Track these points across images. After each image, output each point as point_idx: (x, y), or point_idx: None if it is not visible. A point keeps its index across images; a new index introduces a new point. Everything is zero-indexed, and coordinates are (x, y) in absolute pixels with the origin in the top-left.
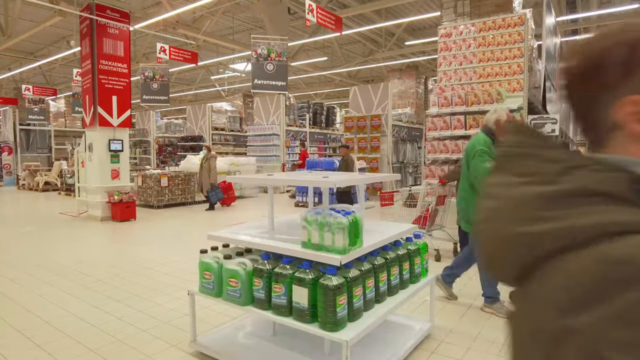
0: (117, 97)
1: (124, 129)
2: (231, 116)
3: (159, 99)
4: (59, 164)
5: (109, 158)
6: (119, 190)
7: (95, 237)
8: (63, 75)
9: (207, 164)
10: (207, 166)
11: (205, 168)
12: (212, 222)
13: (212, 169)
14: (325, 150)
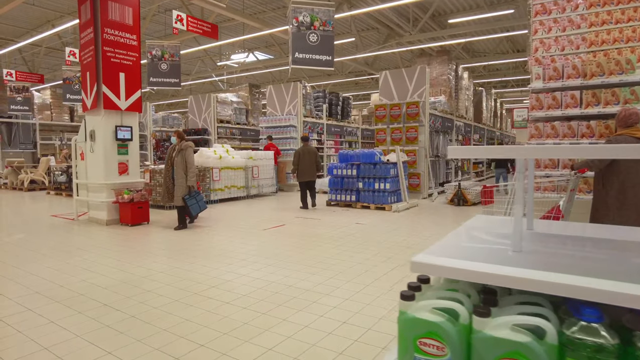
0: (125, 75)
1: (133, 113)
2: (237, 108)
3: (168, 82)
4: (46, 159)
5: (116, 149)
6: (129, 188)
7: (105, 248)
8: (47, 65)
9: (181, 157)
10: (180, 161)
11: (179, 164)
12: (233, 226)
13: (189, 165)
14: (341, 144)
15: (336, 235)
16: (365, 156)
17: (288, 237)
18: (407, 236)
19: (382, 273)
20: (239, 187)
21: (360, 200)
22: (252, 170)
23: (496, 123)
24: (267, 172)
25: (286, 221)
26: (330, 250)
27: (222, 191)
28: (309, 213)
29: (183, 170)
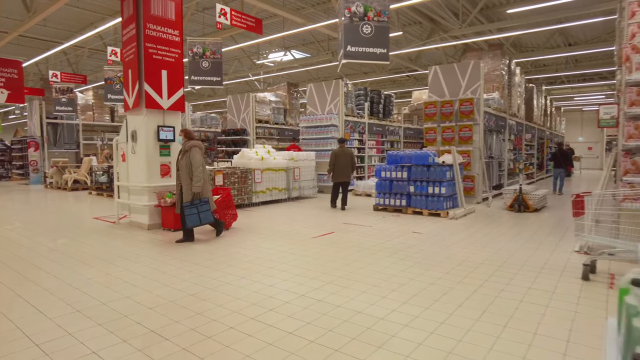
0: (167, 72)
1: (175, 112)
2: (275, 107)
3: (210, 80)
4: (88, 160)
5: (158, 150)
6: (171, 191)
7: (148, 256)
8: (91, 67)
9: (186, 159)
10: (185, 164)
11: (184, 167)
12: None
13: (194, 168)
14: (383, 144)
15: (394, 246)
16: (418, 157)
17: (342, 248)
18: (475, 250)
19: (463, 297)
20: (280, 189)
21: (412, 205)
22: (293, 172)
23: (546, 122)
24: (308, 174)
25: (335, 228)
26: (393, 265)
27: (263, 193)
28: (358, 219)
29: (188, 175)
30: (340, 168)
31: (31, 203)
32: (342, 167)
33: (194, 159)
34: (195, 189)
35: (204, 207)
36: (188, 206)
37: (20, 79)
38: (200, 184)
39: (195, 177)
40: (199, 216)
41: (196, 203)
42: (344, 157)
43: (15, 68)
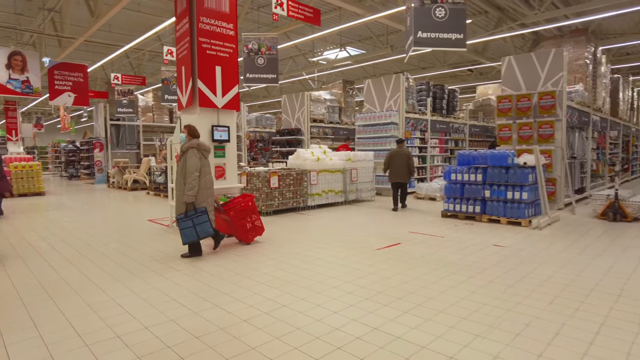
0: (221, 69)
1: (230, 111)
2: (330, 106)
3: (265, 78)
4: (147, 160)
5: (212, 151)
6: (225, 194)
7: (198, 267)
8: (151, 70)
9: (183, 162)
10: (181, 167)
11: (180, 171)
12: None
13: (188, 173)
14: (446, 143)
15: (476, 264)
16: (495, 158)
17: (414, 265)
18: (577, 270)
19: (585, 339)
20: (337, 191)
21: (487, 212)
22: (350, 173)
23: (632, 117)
24: (366, 175)
25: (400, 237)
26: (481, 290)
27: (319, 196)
28: (426, 227)
29: (183, 181)
30: (395, 168)
31: (92, 203)
32: (397, 167)
33: (188, 162)
34: (186, 199)
35: (200, 218)
36: (182, 219)
37: (85, 82)
38: (192, 192)
39: (187, 184)
40: (195, 229)
41: (191, 214)
42: (399, 157)
43: (81, 72)
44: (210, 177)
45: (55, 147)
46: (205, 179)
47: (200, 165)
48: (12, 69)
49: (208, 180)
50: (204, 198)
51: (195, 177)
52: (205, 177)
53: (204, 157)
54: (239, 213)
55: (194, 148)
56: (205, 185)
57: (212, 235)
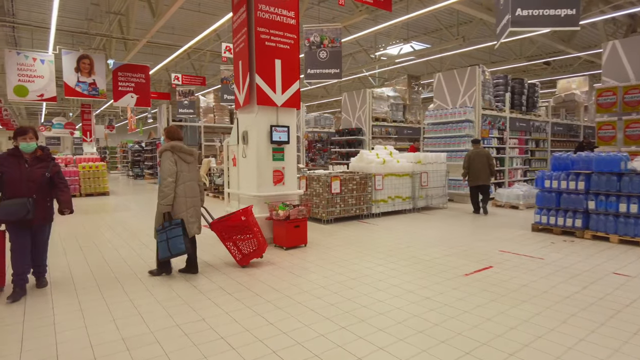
0: (281, 62)
1: (290, 110)
2: (394, 103)
3: (328, 73)
4: (207, 161)
5: (270, 153)
6: (284, 202)
7: (258, 278)
8: (212, 72)
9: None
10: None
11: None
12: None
13: (161, 179)
14: (526, 143)
15: (598, 300)
16: (602, 162)
17: (516, 300)
18: None
19: None
20: (404, 197)
21: (591, 227)
22: (420, 177)
23: None
24: (437, 179)
25: (490, 258)
26: (628, 348)
27: (385, 203)
28: (517, 244)
29: None
30: (476, 171)
31: (150, 204)
32: (478, 170)
33: (162, 167)
34: (160, 208)
35: (173, 232)
36: (160, 230)
37: (147, 83)
38: (165, 201)
39: (160, 192)
40: (168, 244)
41: (167, 227)
42: (479, 158)
43: (143, 73)
44: (192, 184)
45: (123, 148)
46: (184, 186)
47: (175, 170)
48: (81, 72)
49: (188, 188)
50: (182, 208)
51: (169, 184)
52: (185, 184)
53: (184, 161)
54: (227, 229)
55: (167, 151)
56: (185, 193)
57: (185, 253)
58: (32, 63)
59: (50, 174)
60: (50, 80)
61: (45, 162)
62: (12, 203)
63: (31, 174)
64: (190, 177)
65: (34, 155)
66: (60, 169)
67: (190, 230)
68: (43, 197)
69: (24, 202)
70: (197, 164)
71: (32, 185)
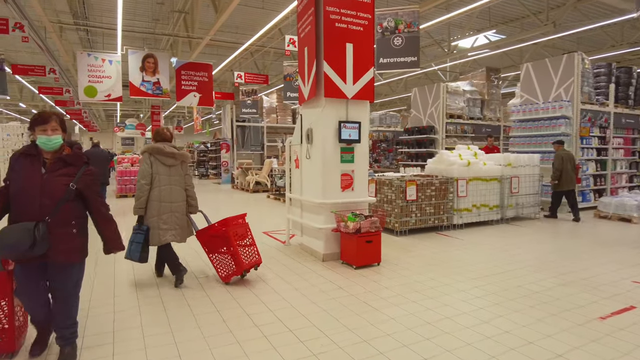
0: (353, 47)
1: (362, 102)
2: (470, 98)
3: (403, 62)
4: (269, 162)
5: (338, 154)
6: (354, 211)
7: (322, 305)
8: (275, 72)
9: None
10: None
11: None
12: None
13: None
14: (633, 143)
15: None
16: None
17: None
18: None
19: None
20: (492, 206)
21: None
22: (510, 182)
23: None
24: (529, 185)
25: (626, 292)
26: None
27: (468, 212)
28: None
29: None
30: (568, 174)
31: (212, 205)
32: (570, 173)
33: (139, 168)
34: (134, 211)
35: (136, 237)
36: (134, 235)
37: (210, 82)
38: (137, 204)
39: (135, 195)
40: (130, 249)
41: (135, 229)
42: (571, 161)
43: (206, 71)
44: (169, 188)
45: (189, 148)
46: (159, 190)
47: (150, 172)
48: (145, 71)
49: (165, 192)
50: (154, 213)
51: (141, 186)
52: (160, 187)
53: (162, 164)
54: (210, 241)
55: (145, 152)
56: (159, 198)
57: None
58: (101, 64)
59: (78, 186)
60: (117, 81)
61: (71, 167)
62: (11, 230)
63: (48, 184)
64: (170, 180)
65: (57, 155)
66: (95, 179)
67: (161, 237)
68: (64, 221)
69: (29, 228)
70: (184, 168)
71: (46, 201)
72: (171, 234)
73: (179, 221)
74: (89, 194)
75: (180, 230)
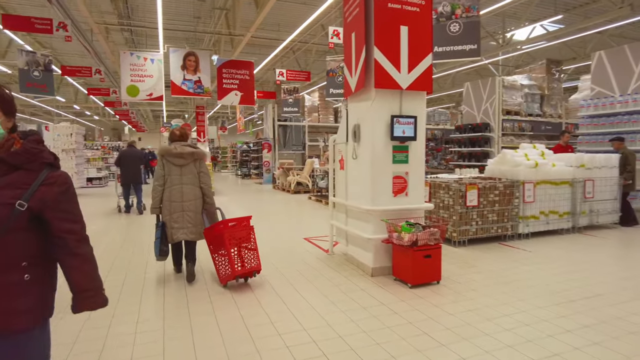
0: (408, 30)
1: (419, 94)
2: (529, 93)
3: (461, 50)
4: (311, 162)
5: (390, 153)
6: (409, 219)
7: (371, 338)
8: (317, 71)
9: None
10: None
11: None
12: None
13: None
14: None
15: None
16: None
17: None
18: None
19: None
20: (562, 213)
21: None
22: (584, 186)
23: None
24: (606, 190)
25: None
26: None
27: (535, 220)
28: None
29: None
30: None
31: (252, 206)
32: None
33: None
34: (150, 211)
35: (156, 232)
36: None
37: (251, 80)
38: (152, 203)
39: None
40: (154, 245)
41: (156, 225)
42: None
43: (247, 69)
44: (179, 187)
45: (232, 148)
46: (169, 190)
47: (162, 174)
48: (187, 69)
49: (174, 192)
50: (165, 212)
51: (155, 187)
52: (170, 187)
53: (173, 164)
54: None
55: (158, 154)
56: (169, 198)
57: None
58: (143, 63)
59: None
60: (159, 79)
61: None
62: None
63: None
64: (181, 180)
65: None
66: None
67: (173, 235)
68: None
69: None
70: (197, 166)
71: None
72: (182, 232)
73: (191, 219)
74: (53, 216)
75: (194, 228)
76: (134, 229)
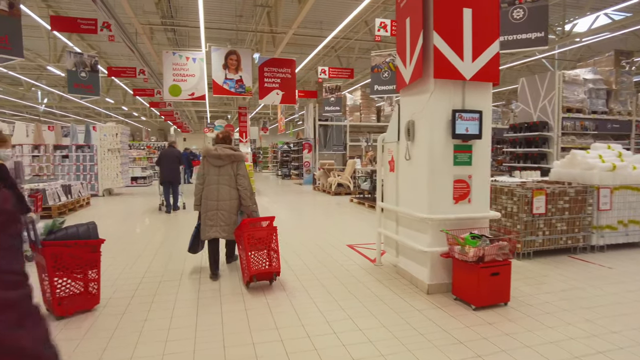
0: (472, 12)
1: (484, 85)
2: (593, 89)
3: (527, 39)
4: (352, 162)
5: (451, 153)
6: (472, 230)
7: None
8: (359, 69)
9: None
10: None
11: None
12: None
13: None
14: None
15: None
16: None
17: None
18: None
19: None
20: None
21: None
22: None
23: None
24: None
25: None
26: None
27: (612, 230)
28: None
29: None
30: None
31: (292, 208)
32: None
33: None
34: (193, 208)
35: (194, 230)
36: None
37: (292, 79)
38: (194, 201)
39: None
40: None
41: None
42: None
43: (289, 67)
44: (215, 187)
45: (273, 148)
46: (206, 189)
47: (202, 173)
48: (228, 69)
49: (209, 191)
50: (203, 209)
51: (196, 186)
52: (208, 186)
53: (212, 165)
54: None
55: (202, 155)
56: (206, 196)
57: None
58: (185, 62)
59: None
60: (201, 79)
61: None
62: None
63: None
64: (218, 180)
65: None
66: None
67: (205, 233)
68: None
69: None
70: (234, 168)
71: None
72: (215, 230)
73: (224, 218)
74: None
75: (226, 227)
76: (169, 226)
